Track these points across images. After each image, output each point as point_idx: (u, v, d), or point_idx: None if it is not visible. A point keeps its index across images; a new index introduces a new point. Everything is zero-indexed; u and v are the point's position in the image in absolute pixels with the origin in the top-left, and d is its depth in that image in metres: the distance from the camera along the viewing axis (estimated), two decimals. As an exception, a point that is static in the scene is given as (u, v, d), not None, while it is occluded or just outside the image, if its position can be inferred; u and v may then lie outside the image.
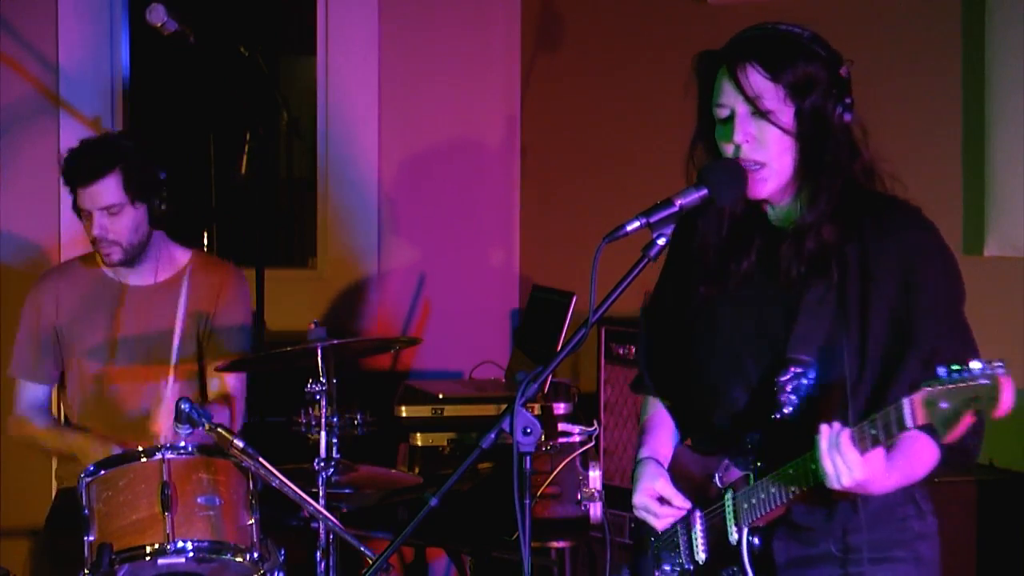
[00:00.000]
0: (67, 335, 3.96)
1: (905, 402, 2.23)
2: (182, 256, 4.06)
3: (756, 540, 2.55)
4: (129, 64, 5.37)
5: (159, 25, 4.31)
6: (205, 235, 4.97)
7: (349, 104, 5.40)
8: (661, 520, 2.68)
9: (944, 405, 2.17)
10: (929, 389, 2.19)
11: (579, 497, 3.86)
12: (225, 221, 4.98)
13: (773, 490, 2.48)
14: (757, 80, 2.47)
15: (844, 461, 2.32)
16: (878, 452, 2.32)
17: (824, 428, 2.35)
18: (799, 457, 2.43)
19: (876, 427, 2.29)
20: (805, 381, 2.52)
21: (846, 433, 2.33)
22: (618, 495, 4.09)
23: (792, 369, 2.52)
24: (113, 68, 5.30)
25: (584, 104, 5.26)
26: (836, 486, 2.35)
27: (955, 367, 2.17)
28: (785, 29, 2.53)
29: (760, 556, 2.55)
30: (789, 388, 2.52)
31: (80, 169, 3.85)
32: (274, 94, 4.88)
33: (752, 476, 2.55)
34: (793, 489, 2.45)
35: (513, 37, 5.48)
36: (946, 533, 2.63)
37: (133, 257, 3.92)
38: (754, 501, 2.52)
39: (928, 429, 2.22)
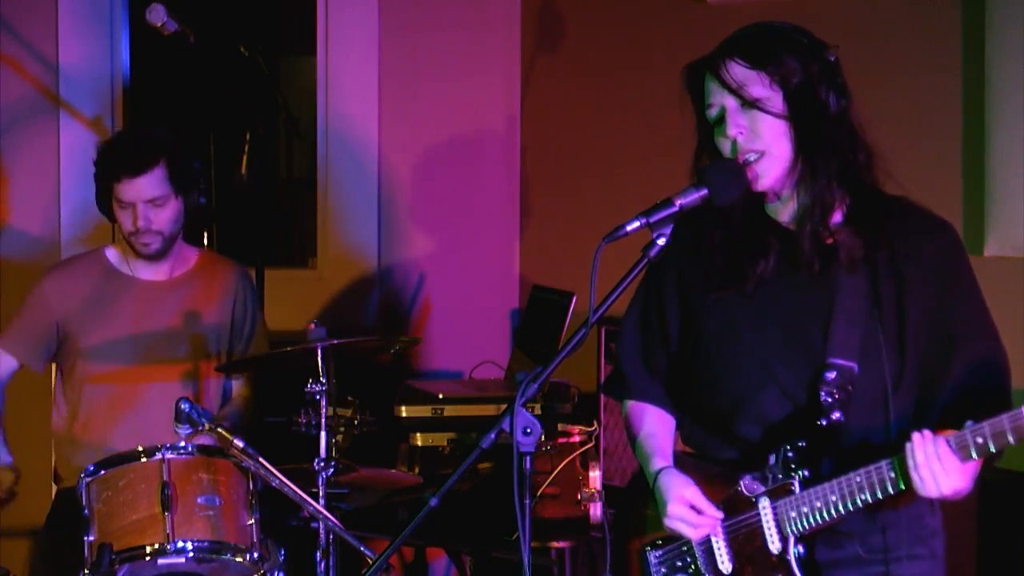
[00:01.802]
0: (72, 331, 3.93)
1: None
2: (191, 254, 4.06)
3: (801, 548, 2.54)
4: (129, 64, 5.37)
5: (159, 25, 4.31)
6: (205, 235, 4.96)
7: (349, 104, 5.40)
8: (698, 530, 2.63)
9: None
10: None
11: (579, 497, 3.87)
12: (225, 221, 4.98)
13: (833, 498, 2.47)
14: (738, 71, 2.49)
15: (944, 470, 2.34)
16: (976, 460, 2.34)
17: (917, 438, 2.36)
18: (860, 465, 2.44)
19: (983, 435, 2.31)
20: (849, 386, 2.51)
21: (943, 442, 2.34)
22: (618, 495, 4.10)
23: (835, 374, 2.51)
24: (113, 68, 5.29)
25: (584, 104, 5.26)
26: (933, 495, 2.37)
27: None
28: (764, 24, 2.56)
29: (806, 563, 2.54)
30: (834, 394, 2.52)
31: (125, 162, 3.83)
32: (274, 94, 4.87)
33: (796, 484, 2.53)
34: (863, 497, 2.44)
35: (513, 37, 5.48)
36: (946, 530, 2.63)
37: (167, 248, 3.92)
38: (804, 510, 2.50)
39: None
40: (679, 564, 2.69)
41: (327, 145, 5.43)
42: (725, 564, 2.62)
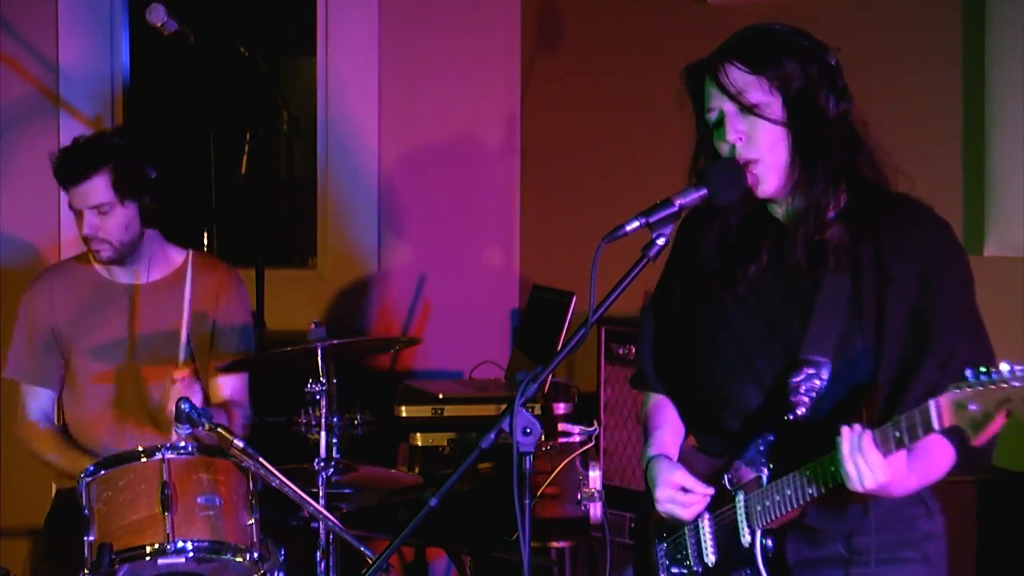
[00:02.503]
0: (65, 335, 3.95)
1: (931, 404, 2.23)
2: (178, 256, 4.04)
3: (769, 542, 2.54)
4: (129, 64, 5.37)
5: (159, 25, 4.31)
6: (205, 235, 4.97)
7: (349, 104, 5.40)
8: (689, 509, 2.65)
9: (973, 407, 2.17)
10: (957, 391, 2.19)
11: (579, 497, 3.86)
12: (225, 221, 4.98)
13: (789, 492, 2.47)
14: (737, 76, 2.49)
15: (867, 463, 2.32)
16: (900, 454, 2.32)
17: (845, 430, 2.35)
18: (816, 459, 2.43)
19: (900, 429, 2.29)
20: (819, 382, 2.51)
21: (868, 435, 2.32)
22: (618, 495, 4.10)
23: (805, 370, 2.51)
24: (113, 68, 5.30)
25: (584, 104, 5.26)
26: (858, 488, 2.35)
27: (983, 369, 2.17)
28: (764, 26, 2.55)
29: (774, 558, 2.54)
30: (802, 389, 2.51)
31: (69, 168, 3.84)
32: (274, 94, 4.88)
33: (764, 478, 2.54)
34: (810, 491, 2.44)
35: (513, 37, 5.48)
36: (946, 532, 2.63)
37: (124, 255, 3.91)
38: (768, 503, 2.51)
39: (954, 431, 2.22)
40: (678, 556, 2.71)
41: (327, 145, 5.43)
42: (709, 556, 2.65)
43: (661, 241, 2.41)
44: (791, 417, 2.53)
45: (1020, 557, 3.57)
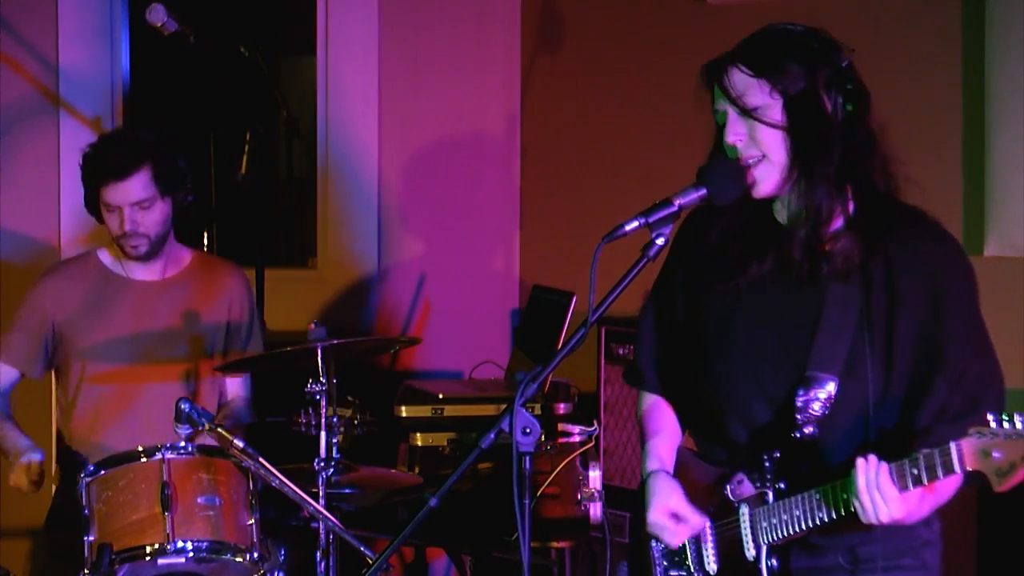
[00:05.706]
0: (68, 333, 3.93)
1: (953, 447, 2.23)
2: (184, 254, 4.06)
3: (775, 562, 2.53)
4: (129, 64, 5.37)
5: (159, 25, 4.31)
6: (205, 235, 4.96)
7: (349, 104, 5.40)
8: (677, 538, 2.65)
9: (997, 456, 2.18)
10: (981, 438, 2.18)
11: (579, 497, 3.86)
12: (225, 221, 4.98)
13: (797, 513, 2.47)
14: (739, 80, 2.48)
15: (883, 498, 2.32)
16: (916, 489, 2.32)
17: (860, 463, 2.34)
18: (826, 483, 2.43)
19: (918, 467, 2.28)
20: (826, 398, 2.49)
21: (885, 470, 2.32)
22: (618, 495, 4.10)
23: (814, 388, 2.50)
24: (113, 68, 5.29)
25: (584, 104, 5.26)
26: (873, 522, 2.35)
27: (1006, 417, 2.17)
28: (779, 27, 2.54)
29: (778, 572, 2.54)
30: (810, 408, 2.50)
31: (110, 164, 3.83)
32: (274, 94, 4.87)
33: (770, 495, 2.53)
34: (820, 515, 2.43)
35: (513, 37, 5.48)
36: (946, 534, 2.63)
37: (156, 250, 3.93)
38: (774, 521, 2.51)
39: (976, 475, 2.23)
40: (676, 559, 2.71)
41: (327, 145, 5.43)
42: (711, 564, 2.64)
43: (660, 241, 2.41)
44: (798, 435, 2.51)
45: (1021, 558, 3.56)
